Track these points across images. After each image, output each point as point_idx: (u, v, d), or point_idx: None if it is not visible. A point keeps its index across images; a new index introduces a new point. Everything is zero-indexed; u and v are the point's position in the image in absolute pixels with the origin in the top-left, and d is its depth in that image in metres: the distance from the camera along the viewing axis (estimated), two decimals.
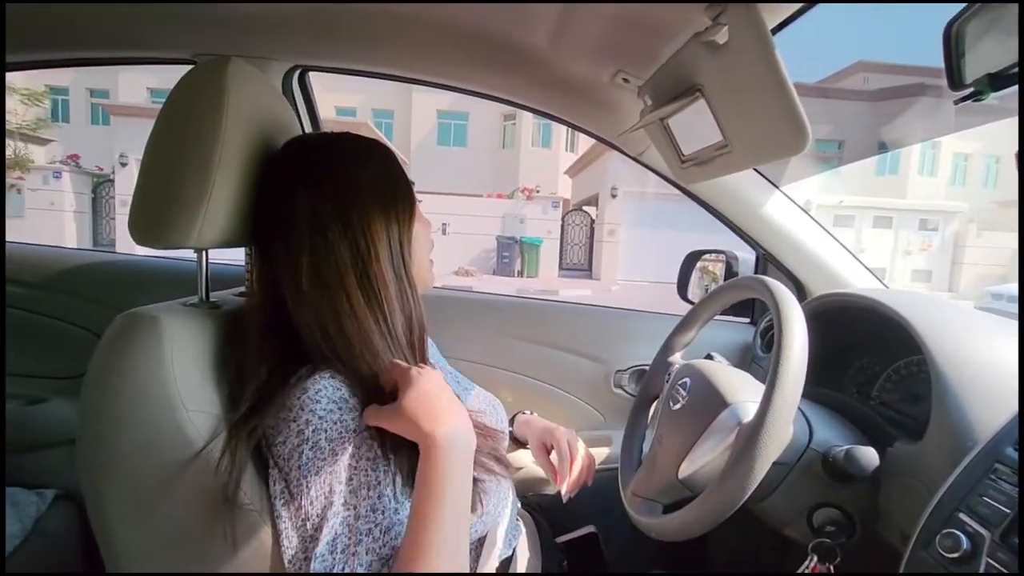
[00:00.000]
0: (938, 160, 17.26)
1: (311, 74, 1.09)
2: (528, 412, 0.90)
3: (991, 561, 0.46)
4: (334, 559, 0.46)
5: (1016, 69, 0.40)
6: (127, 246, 0.67)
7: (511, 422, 0.89)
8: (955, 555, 0.48)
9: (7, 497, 0.93)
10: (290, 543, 0.47)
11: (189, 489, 0.50)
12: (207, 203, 0.54)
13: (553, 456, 0.80)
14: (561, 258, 13.46)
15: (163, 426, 0.50)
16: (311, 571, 0.45)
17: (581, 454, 0.80)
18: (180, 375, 0.51)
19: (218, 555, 0.50)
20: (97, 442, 0.50)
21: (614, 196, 12.81)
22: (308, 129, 1.10)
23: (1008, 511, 0.47)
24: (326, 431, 0.48)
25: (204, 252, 0.61)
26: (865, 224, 14.84)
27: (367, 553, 0.46)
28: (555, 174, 16.99)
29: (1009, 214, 14.56)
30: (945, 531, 0.50)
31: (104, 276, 1.25)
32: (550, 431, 0.82)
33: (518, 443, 0.88)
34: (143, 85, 16.33)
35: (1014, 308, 6.96)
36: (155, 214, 0.55)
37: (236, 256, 0.78)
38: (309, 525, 0.47)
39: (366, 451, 0.50)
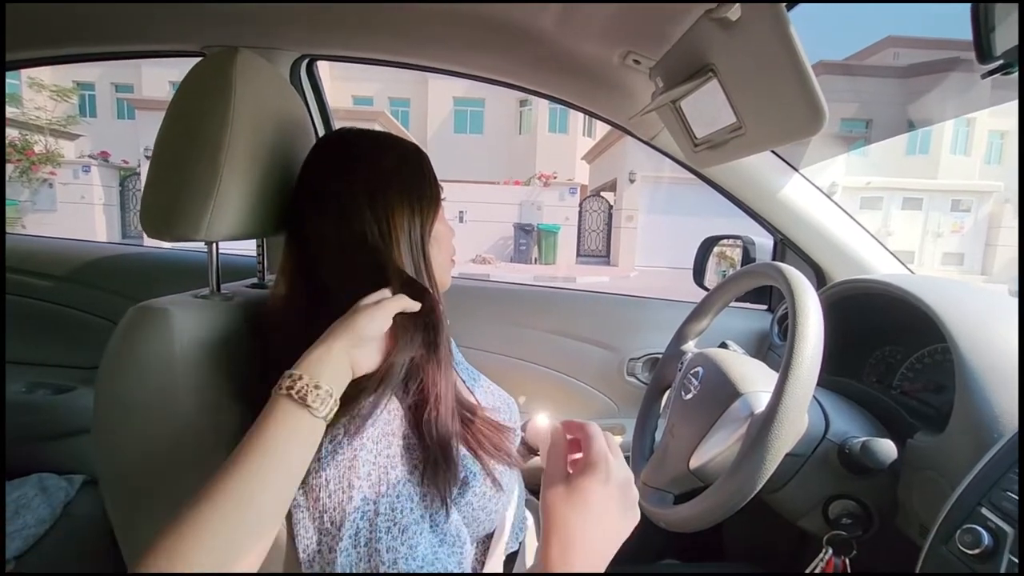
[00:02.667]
0: (972, 138, 16.50)
1: (322, 63, 1.09)
2: (540, 416, 0.90)
3: (1014, 558, 0.44)
4: (358, 553, 0.46)
5: None
6: (154, 240, 0.68)
7: (523, 427, 0.89)
8: (976, 551, 0.46)
9: (38, 483, 0.96)
10: (307, 533, 0.47)
11: (200, 479, 0.50)
12: (216, 195, 0.54)
13: None
14: (579, 245, 13.35)
15: (174, 417, 0.50)
16: (336, 564, 0.45)
17: None
18: (190, 366, 0.52)
19: None
20: (110, 433, 0.51)
21: (632, 181, 12.62)
22: (317, 119, 1.10)
23: None
24: (344, 425, 0.48)
25: (214, 244, 0.61)
26: (894, 206, 14.33)
27: (388, 551, 0.46)
28: (572, 160, 16.80)
29: None
30: (966, 526, 0.48)
31: (128, 269, 1.28)
32: None
33: (530, 450, 0.88)
34: (165, 79, 16.58)
35: None
36: (165, 207, 0.56)
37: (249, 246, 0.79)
38: (327, 518, 0.47)
39: (385, 447, 0.49)
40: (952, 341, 0.62)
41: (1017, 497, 0.46)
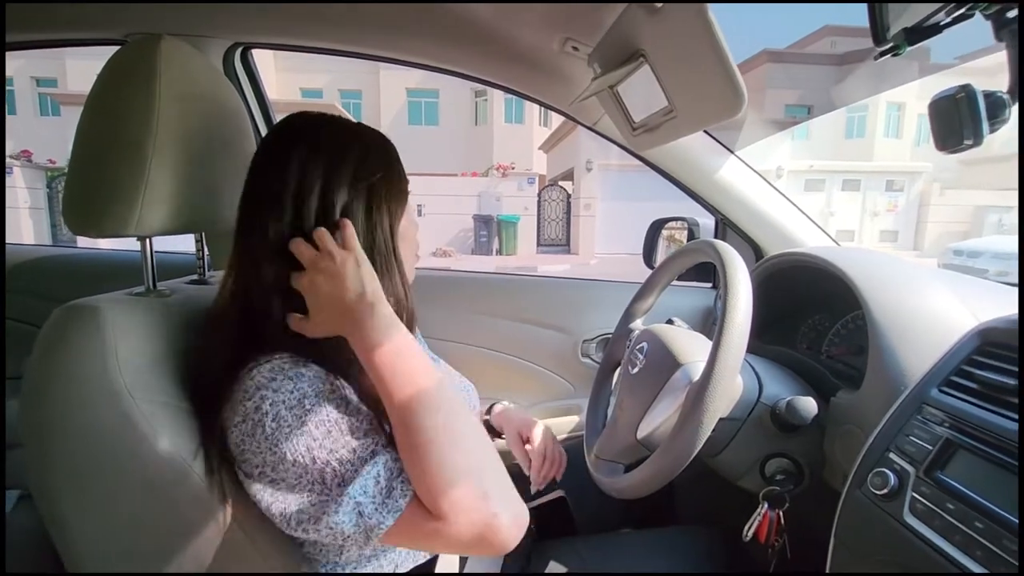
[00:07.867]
0: (903, 122, 17.55)
1: (265, 53, 1.06)
2: (505, 403, 0.92)
3: (915, 495, 0.49)
4: (378, 487, 0.48)
5: (928, 22, 0.41)
6: (89, 240, 0.65)
7: (488, 411, 0.91)
8: (884, 491, 0.51)
9: None
10: (285, 503, 0.48)
11: (140, 478, 0.49)
12: (144, 188, 0.52)
13: (529, 447, 0.84)
14: (539, 234, 13.43)
15: (109, 417, 0.49)
16: (341, 507, 0.46)
17: (555, 450, 0.84)
18: (125, 365, 0.50)
19: (172, 542, 0.50)
20: (41, 437, 0.49)
21: (589, 170, 12.77)
22: (256, 109, 1.07)
23: (930, 448, 0.50)
24: (284, 402, 0.48)
25: (148, 240, 0.59)
26: (835, 187, 15.12)
27: (402, 486, 0.48)
28: (530, 150, 16.82)
29: (971, 172, 14.93)
30: (876, 470, 0.53)
31: (64, 271, 1.21)
32: (528, 425, 0.85)
33: (494, 432, 0.90)
34: (92, 72, 15.31)
35: (973, 263, 7.24)
36: (89, 201, 0.53)
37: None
38: (328, 471, 0.47)
39: (348, 413, 0.50)
40: (865, 306, 0.68)
41: (918, 441, 0.52)
